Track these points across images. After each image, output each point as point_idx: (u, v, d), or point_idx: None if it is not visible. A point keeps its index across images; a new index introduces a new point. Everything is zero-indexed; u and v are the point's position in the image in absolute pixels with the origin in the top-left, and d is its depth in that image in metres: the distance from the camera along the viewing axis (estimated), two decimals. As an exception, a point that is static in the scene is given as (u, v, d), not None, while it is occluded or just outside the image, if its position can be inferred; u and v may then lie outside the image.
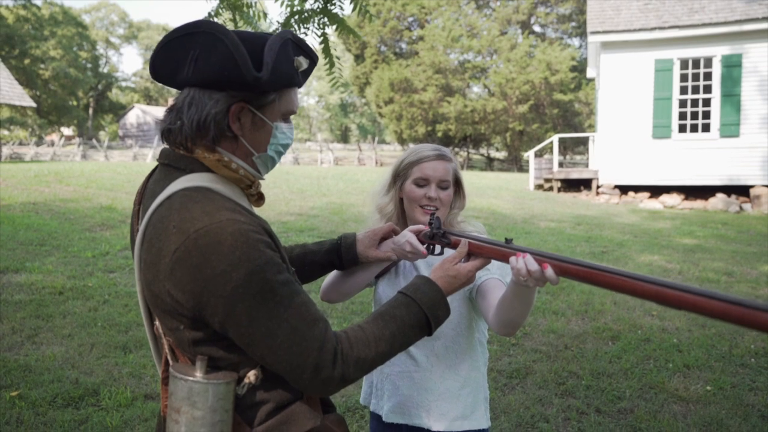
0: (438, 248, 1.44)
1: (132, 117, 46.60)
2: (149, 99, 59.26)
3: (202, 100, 1.08)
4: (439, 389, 1.62)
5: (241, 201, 1.11)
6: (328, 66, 3.69)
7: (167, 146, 1.15)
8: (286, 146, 1.21)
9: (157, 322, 1.12)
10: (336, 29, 3.82)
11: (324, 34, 3.77)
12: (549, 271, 1.13)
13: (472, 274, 1.26)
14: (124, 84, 60.11)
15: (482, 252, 1.27)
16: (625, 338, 4.35)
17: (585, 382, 3.62)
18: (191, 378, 1.03)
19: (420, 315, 1.17)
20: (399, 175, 1.67)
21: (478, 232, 1.63)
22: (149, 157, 29.41)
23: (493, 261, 1.53)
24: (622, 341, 4.30)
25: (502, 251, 1.23)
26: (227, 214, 1.02)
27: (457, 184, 1.67)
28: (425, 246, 1.46)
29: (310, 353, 1.02)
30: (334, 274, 1.66)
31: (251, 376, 1.07)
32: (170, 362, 1.10)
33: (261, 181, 1.21)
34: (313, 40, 3.79)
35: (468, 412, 1.63)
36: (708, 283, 6.04)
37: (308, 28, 3.75)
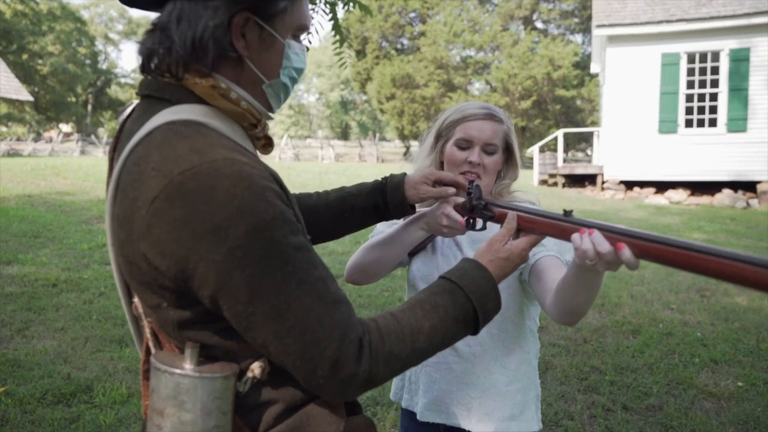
0: (480, 223, 1.19)
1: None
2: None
3: (196, 12, 0.83)
4: (483, 384, 1.40)
5: (243, 143, 0.87)
6: (337, 43, 3.49)
7: (149, 76, 0.88)
8: (300, 71, 0.95)
9: (135, 299, 0.87)
10: (345, 5, 3.61)
11: (333, 11, 3.57)
12: (626, 253, 0.88)
13: (527, 253, 1.02)
14: (123, 80, 59.85)
15: (535, 227, 1.02)
16: (646, 332, 4.15)
17: (608, 378, 3.42)
18: (178, 371, 0.79)
19: (467, 306, 0.93)
20: (441, 135, 1.45)
21: (530, 204, 1.43)
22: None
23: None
24: (643, 335, 4.10)
25: (560, 226, 0.98)
26: (224, 152, 0.77)
27: (509, 150, 1.46)
28: (466, 220, 1.22)
29: (328, 343, 0.78)
30: (361, 248, 1.45)
31: (256, 368, 0.83)
32: (152, 350, 0.86)
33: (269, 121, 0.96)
34: (321, 18, 3.59)
35: (517, 412, 1.41)
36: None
37: (316, 3, 3.54)
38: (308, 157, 29.88)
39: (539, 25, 28.20)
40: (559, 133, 15.87)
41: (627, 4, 13.82)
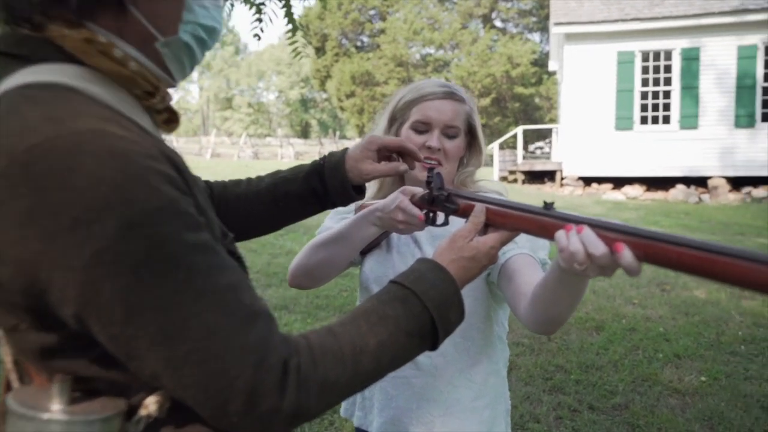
0: (441, 217, 1.02)
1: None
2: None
3: None
4: (446, 401, 1.24)
5: (136, 116, 0.66)
6: (290, 32, 3.31)
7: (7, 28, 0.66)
8: (211, 31, 0.75)
9: None
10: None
11: (286, -2, 3.38)
12: (626, 255, 0.70)
13: (496, 252, 0.85)
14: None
15: (508, 222, 0.85)
16: (610, 328, 4.11)
17: (574, 377, 3.35)
18: (41, 414, 0.59)
19: (424, 317, 0.75)
20: (395, 118, 1.29)
21: (498, 195, 1.29)
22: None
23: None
24: (606, 331, 4.06)
25: (540, 221, 0.80)
26: (92, 122, 0.58)
27: (471, 133, 1.30)
28: (423, 213, 1.06)
29: (240, 371, 0.59)
30: (306, 248, 1.28)
31: (151, 404, 0.63)
32: (12, 386, 0.66)
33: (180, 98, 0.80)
34: (274, 6, 3.40)
35: (485, 430, 1.25)
36: (683, 271, 5.91)
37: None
38: (268, 156, 29.43)
39: (498, 23, 28.46)
40: (519, 130, 16.00)
41: (584, 3, 14.01)
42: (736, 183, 13.16)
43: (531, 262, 1.14)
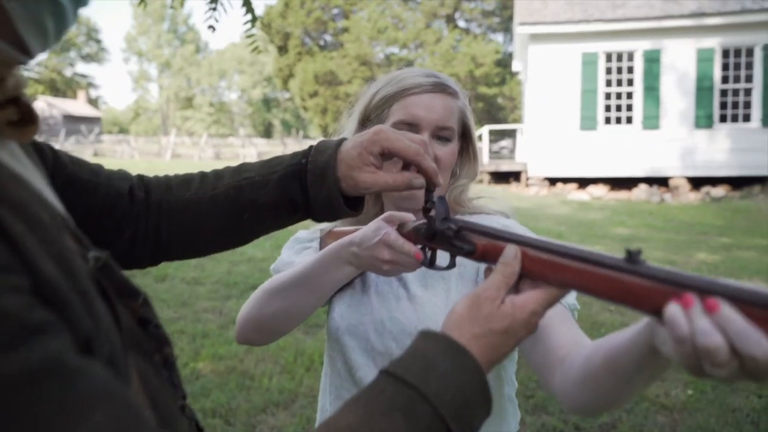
0: (445, 258, 0.75)
1: (36, 110, 42.94)
2: (56, 91, 55.05)
3: None
4: None
5: None
6: (249, 23, 3.02)
7: None
8: None
9: None
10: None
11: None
12: None
13: (538, 320, 0.59)
14: (26, 74, 55.59)
15: (562, 276, 0.57)
16: (590, 338, 3.94)
17: (557, 394, 3.16)
18: None
19: (436, 428, 0.51)
20: (370, 118, 1.02)
21: (503, 216, 1.04)
22: (52, 152, 27.04)
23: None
24: (586, 342, 3.89)
25: (625, 283, 0.52)
26: None
27: (465, 136, 1.05)
28: (419, 249, 0.79)
29: None
30: (258, 293, 0.99)
31: None
32: None
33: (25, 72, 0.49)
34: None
35: None
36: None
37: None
38: (229, 156, 28.80)
39: (461, 23, 28.49)
40: (484, 130, 15.94)
41: (548, 4, 14.03)
42: (696, 183, 13.38)
43: (561, 311, 0.89)
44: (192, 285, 5.25)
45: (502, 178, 15.11)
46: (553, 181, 13.99)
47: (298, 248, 1.08)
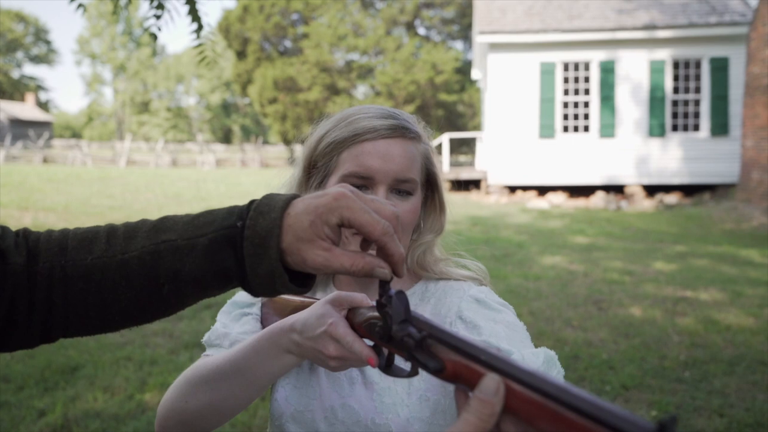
0: (405, 366, 0.62)
1: (-22, 114, 41.15)
2: (1, 93, 52.87)
3: None
4: None
5: None
6: (196, 32, 2.85)
7: None
8: None
9: None
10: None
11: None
12: None
13: None
14: (-32, 77, 53.25)
15: (558, 427, 0.42)
16: (554, 352, 3.88)
17: (521, 419, 3.07)
18: None
19: None
20: (316, 165, 0.88)
21: (477, 290, 0.90)
22: (0, 158, 25.92)
23: (518, 333, 0.82)
24: (549, 361, 3.83)
25: None
26: None
27: (431, 184, 0.92)
28: (374, 349, 0.65)
29: None
30: (181, 380, 0.83)
31: None
32: None
33: None
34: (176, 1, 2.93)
35: None
36: (615, 284, 5.85)
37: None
38: (187, 163, 28.13)
39: (421, 31, 28.63)
40: (444, 138, 15.97)
41: (507, 13, 14.17)
42: (650, 190, 13.70)
43: None
44: (141, 305, 4.98)
45: (461, 185, 15.16)
46: (512, 189, 14.10)
47: (236, 314, 0.93)
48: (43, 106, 57.44)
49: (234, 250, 0.60)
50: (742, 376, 3.58)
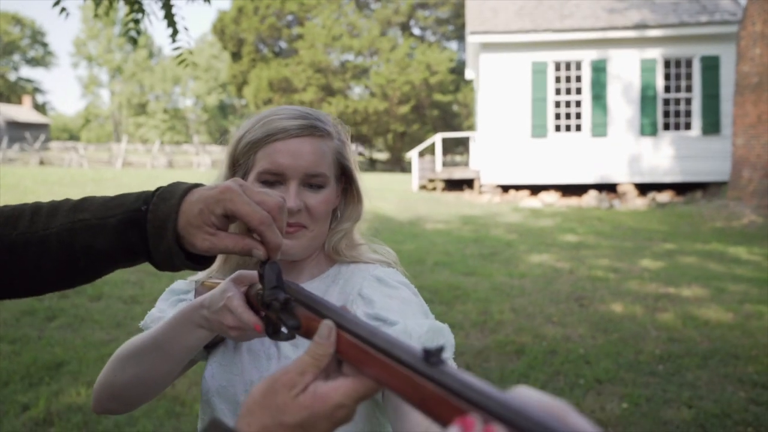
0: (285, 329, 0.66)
1: (-25, 117, 41.16)
2: (-2, 96, 52.86)
3: None
4: None
5: None
6: (171, 37, 2.91)
7: None
8: None
9: None
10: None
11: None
12: None
13: (347, 413, 0.51)
14: (-36, 80, 53.23)
15: (369, 366, 0.50)
16: (530, 352, 3.95)
17: (494, 411, 3.13)
18: None
19: None
20: (238, 163, 0.95)
21: (383, 270, 0.96)
22: (-5, 161, 25.97)
23: (411, 307, 0.89)
24: (527, 355, 3.89)
25: (417, 385, 0.45)
26: None
27: (346, 176, 0.99)
28: (263, 319, 0.72)
29: None
30: (113, 359, 0.91)
31: None
32: None
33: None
34: (153, 3, 2.99)
35: None
36: (599, 282, 5.92)
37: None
38: (183, 164, 28.15)
39: (416, 31, 28.70)
40: (437, 138, 16.04)
41: (498, 13, 14.24)
42: (643, 189, 13.78)
43: None
44: (129, 304, 5.04)
45: (455, 185, 15.23)
46: (505, 189, 14.17)
47: (173, 300, 1.00)
48: (40, 108, 57.43)
49: (139, 230, 0.69)
50: (714, 369, 3.66)
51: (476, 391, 0.41)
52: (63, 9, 3.12)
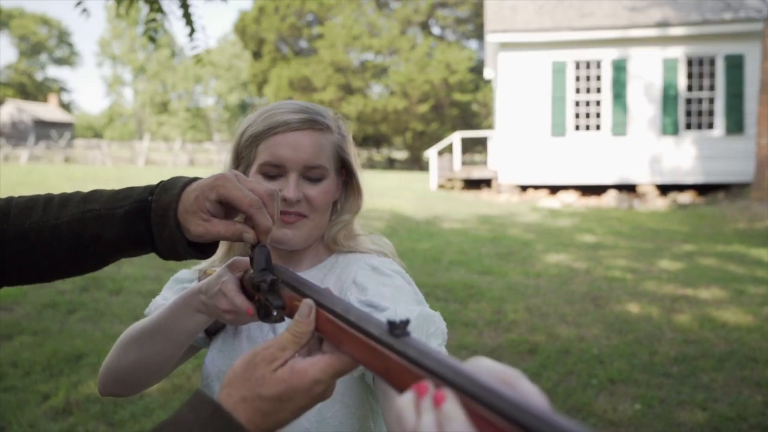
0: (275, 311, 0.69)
1: (5, 114, 42.05)
2: (25, 95, 53.99)
3: None
4: None
5: None
6: (189, 35, 2.97)
7: None
8: None
9: None
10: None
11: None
12: None
13: (325, 389, 0.54)
14: (-7, 79, 54.40)
15: (342, 340, 0.53)
16: (543, 351, 3.94)
17: (505, 409, 3.14)
18: None
19: None
20: (241, 156, 0.98)
21: (378, 260, 0.98)
22: (24, 158, 26.53)
23: (404, 295, 0.91)
24: (540, 355, 3.89)
25: (383, 356, 0.48)
26: None
27: (346, 169, 1.01)
28: (255, 303, 0.74)
29: None
30: (117, 343, 0.96)
31: None
32: None
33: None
34: (172, 3, 3.05)
35: None
36: (616, 282, 5.87)
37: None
38: (204, 162, 28.47)
39: (436, 30, 28.65)
40: (456, 137, 16.00)
41: (518, 12, 14.15)
42: (664, 189, 13.59)
43: None
44: (148, 298, 5.10)
45: (473, 184, 15.18)
46: (524, 188, 14.08)
47: (177, 289, 1.04)
48: (66, 107, 58.52)
49: (145, 219, 0.74)
50: (730, 372, 3.61)
51: (432, 359, 0.44)
52: (84, 9, 3.20)
